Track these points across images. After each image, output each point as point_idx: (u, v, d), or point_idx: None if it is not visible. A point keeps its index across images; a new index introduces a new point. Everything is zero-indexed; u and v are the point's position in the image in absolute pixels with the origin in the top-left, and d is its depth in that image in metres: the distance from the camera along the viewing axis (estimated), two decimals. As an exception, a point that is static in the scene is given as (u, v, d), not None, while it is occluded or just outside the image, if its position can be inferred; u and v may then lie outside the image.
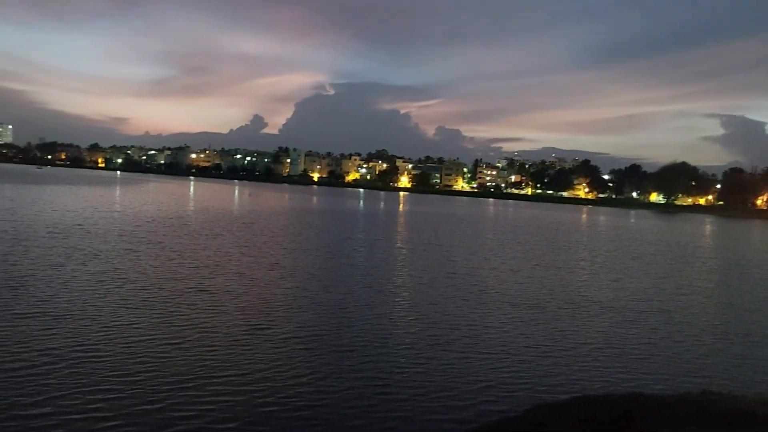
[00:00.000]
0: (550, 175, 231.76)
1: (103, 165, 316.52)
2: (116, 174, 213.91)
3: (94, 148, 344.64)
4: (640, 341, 13.87)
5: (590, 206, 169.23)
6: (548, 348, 12.77)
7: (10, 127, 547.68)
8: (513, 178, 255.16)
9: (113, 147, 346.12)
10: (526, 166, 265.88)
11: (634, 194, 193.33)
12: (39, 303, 13.30)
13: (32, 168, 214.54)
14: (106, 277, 16.93)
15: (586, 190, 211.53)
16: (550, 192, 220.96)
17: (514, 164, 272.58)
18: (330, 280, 19.06)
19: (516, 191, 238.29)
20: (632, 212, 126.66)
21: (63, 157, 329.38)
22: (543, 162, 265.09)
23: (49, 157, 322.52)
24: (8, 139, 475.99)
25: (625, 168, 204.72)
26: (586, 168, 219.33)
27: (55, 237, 24.88)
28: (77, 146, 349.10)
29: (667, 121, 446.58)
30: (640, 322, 15.83)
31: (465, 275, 22.01)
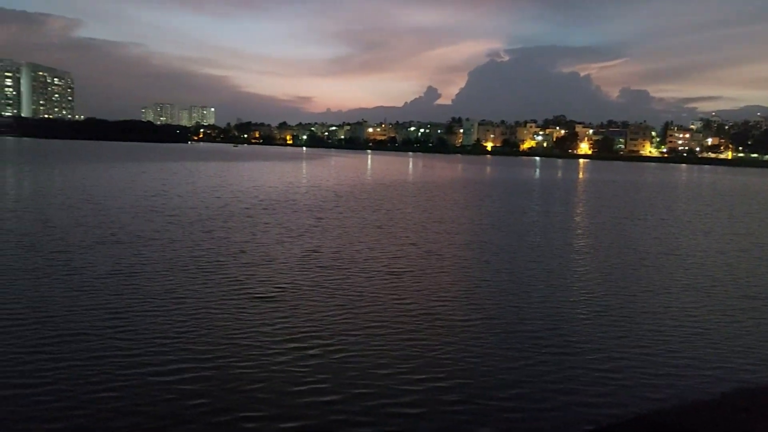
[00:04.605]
0: (755, 136, 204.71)
1: (290, 142, 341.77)
2: (302, 150, 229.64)
3: (283, 126, 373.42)
4: None
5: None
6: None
7: (213, 109, 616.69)
8: (710, 141, 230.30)
9: (299, 125, 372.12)
10: (726, 127, 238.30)
11: None
12: (260, 284, 14.14)
13: (230, 146, 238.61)
14: (303, 255, 17.66)
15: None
16: (755, 155, 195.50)
17: (710, 125, 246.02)
18: (518, 261, 18.11)
19: (713, 155, 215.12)
20: None
21: (257, 135, 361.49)
22: (746, 122, 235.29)
23: (245, 135, 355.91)
24: (211, 121, 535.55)
25: None
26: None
27: (256, 212, 26.82)
28: (268, 125, 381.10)
29: None
30: None
31: (675, 255, 19.74)
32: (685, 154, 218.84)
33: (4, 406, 7.31)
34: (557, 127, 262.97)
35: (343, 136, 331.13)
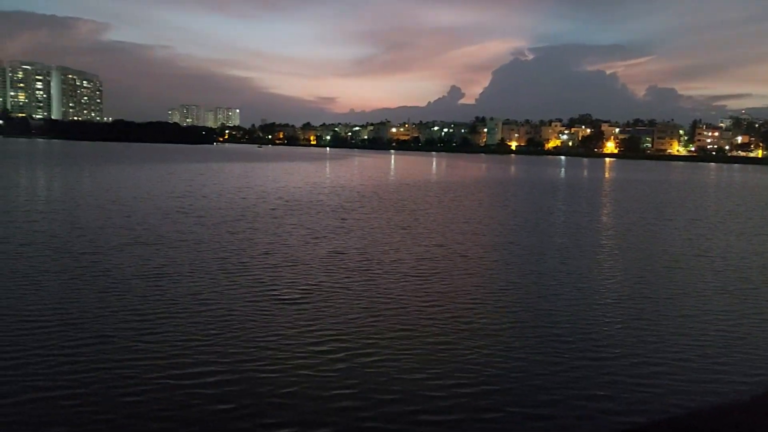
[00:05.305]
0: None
1: (314, 142, 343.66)
2: (326, 150, 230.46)
3: (307, 126, 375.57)
4: None
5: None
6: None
7: (238, 110, 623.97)
8: (739, 139, 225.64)
9: (323, 125, 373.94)
10: (756, 125, 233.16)
11: None
12: (286, 287, 14.11)
13: (254, 147, 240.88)
14: (328, 257, 17.60)
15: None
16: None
17: (740, 124, 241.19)
18: (546, 263, 17.82)
19: (743, 154, 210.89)
20: None
21: (281, 136, 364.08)
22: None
23: (269, 136, 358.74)
24: (236, 122, 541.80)
25: None
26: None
27: (282, 213, 26.90)
28: (292, 126, 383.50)
29: None
30: None
31: (707, 257, 19.27)
32: (714, 153, 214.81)
33: (29, 408, 7.36)
34: (582, 126, 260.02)
35: (366, 137, 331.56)
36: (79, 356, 8.97)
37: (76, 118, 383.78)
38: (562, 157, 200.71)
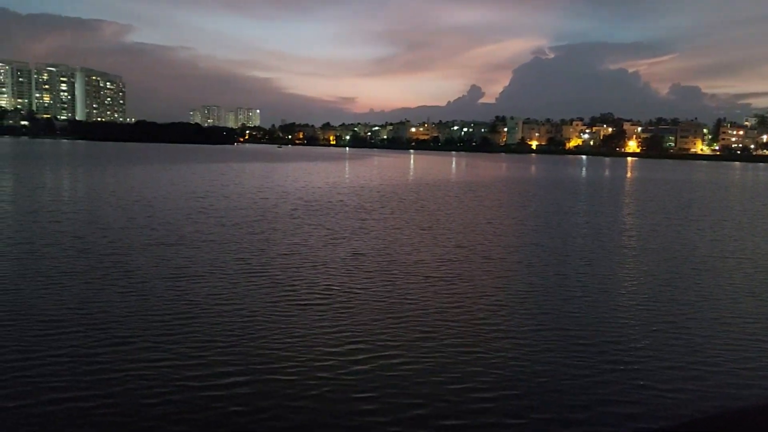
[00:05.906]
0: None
1: (334, 142, 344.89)
2: (345, 150, 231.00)
3: (326, 126, 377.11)
4: None
5: None
6: None
7: (258, 111, 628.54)
8: (765, 138, 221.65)
9: (342, 125, 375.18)
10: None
11: None
12: (306, 290, 14.07)
13: (274, 147, 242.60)
14: (349, 259, 17.53)
15: None
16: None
17: (765, 122, 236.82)
18: (569, 265, 17.56)
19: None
20: None
21: (300, 136, 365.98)
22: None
23: (289, 136, 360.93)
24: (256, 122, 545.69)
25: None
26: None
27: (302, 214, 26.92)
28: (312, 126, 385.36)
29: None
30: None
31: (734, 259, 18.84)
32: (738, 152, 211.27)
33: (50, 409, 7.38)
34: (604, 125, 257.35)
35: (385, 136, 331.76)
36: (100, 358, 9.00)
37: (99, 118, 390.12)
38: (584, 157, 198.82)
